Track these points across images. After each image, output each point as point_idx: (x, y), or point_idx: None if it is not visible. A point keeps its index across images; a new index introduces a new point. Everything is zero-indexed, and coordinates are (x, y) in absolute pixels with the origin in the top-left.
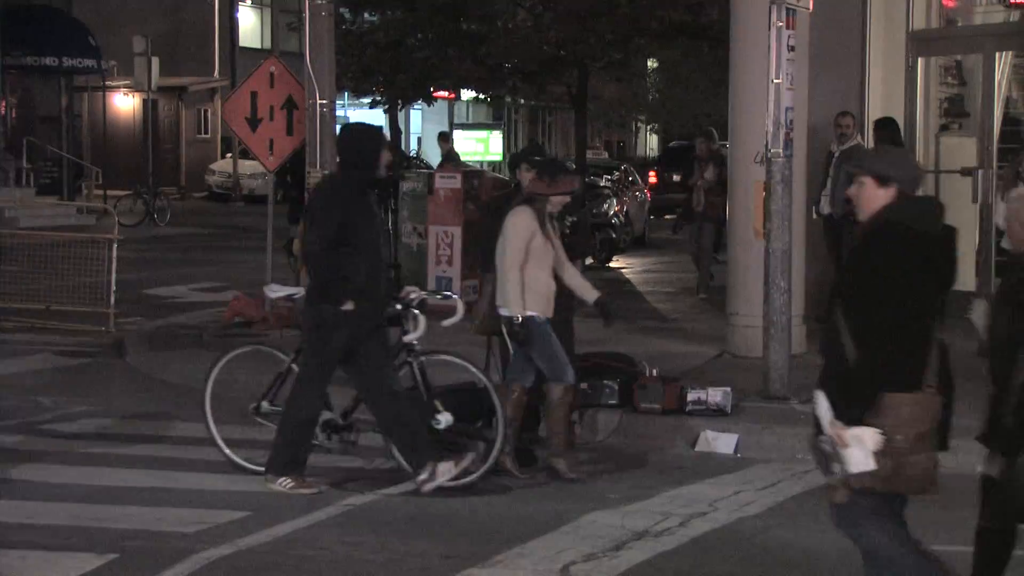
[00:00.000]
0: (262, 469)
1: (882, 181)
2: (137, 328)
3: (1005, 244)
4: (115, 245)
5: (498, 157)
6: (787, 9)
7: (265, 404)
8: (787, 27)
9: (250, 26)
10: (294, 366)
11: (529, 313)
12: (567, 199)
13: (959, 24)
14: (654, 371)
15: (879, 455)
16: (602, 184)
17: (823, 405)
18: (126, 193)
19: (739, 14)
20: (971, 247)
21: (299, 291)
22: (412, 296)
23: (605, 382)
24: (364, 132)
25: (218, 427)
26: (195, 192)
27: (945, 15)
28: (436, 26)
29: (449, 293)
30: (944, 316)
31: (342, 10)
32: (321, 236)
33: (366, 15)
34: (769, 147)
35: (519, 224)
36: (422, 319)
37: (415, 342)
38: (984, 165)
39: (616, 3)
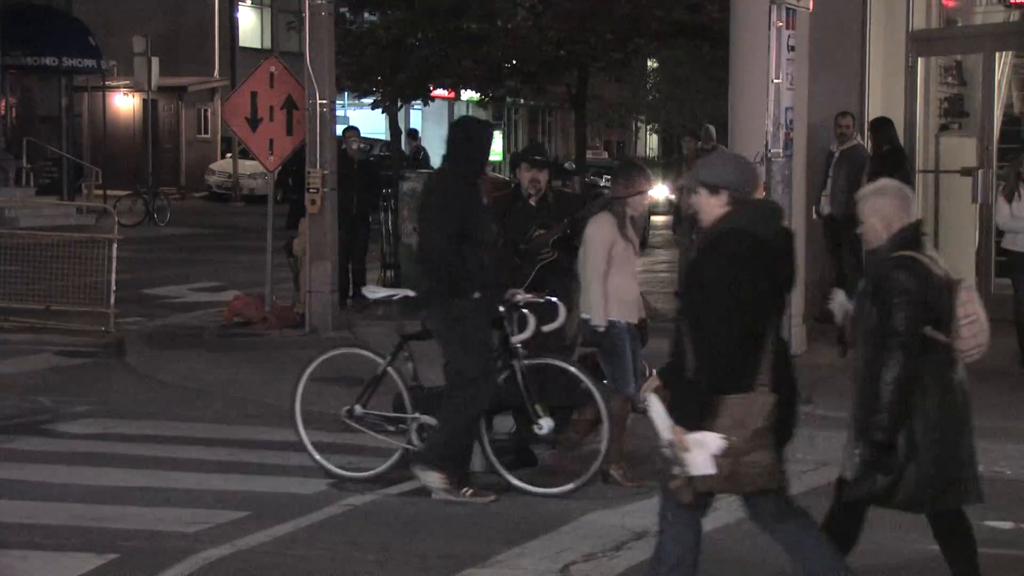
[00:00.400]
0: (355, 475)
1: (712, 190)
2: (137, 328)
3: (1005, 244)
4: (115, 245)
5: (498, 157)
6: (787, 9)
7: (358, 408)
8: (787, 27)
9: (250, 26)
10: (390, 369)
11: (612, 318)
12: (646, 199)
13: (959, 24)
14: (654, 371)
15: (718, 457)
16: (602, 184)
17: (657, 410)
18: (126, 193)
19: (739, 14)
20: (971, 247)
21: (399, 292)
22: (518, 297)
23: (605, 382)
24: (473, 126)
25: (308, 431)
26: (195, 192)
27: (945, 15)
28: (436, 26)
29: (552, 298)
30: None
31: (342, 10)
32: (444, 232)
33: (366, 15)
34: (769, 147)
35: (600, 233)
36: (532, 320)
37: (519, 345)
38: (984, 165)
39: (616, 3)
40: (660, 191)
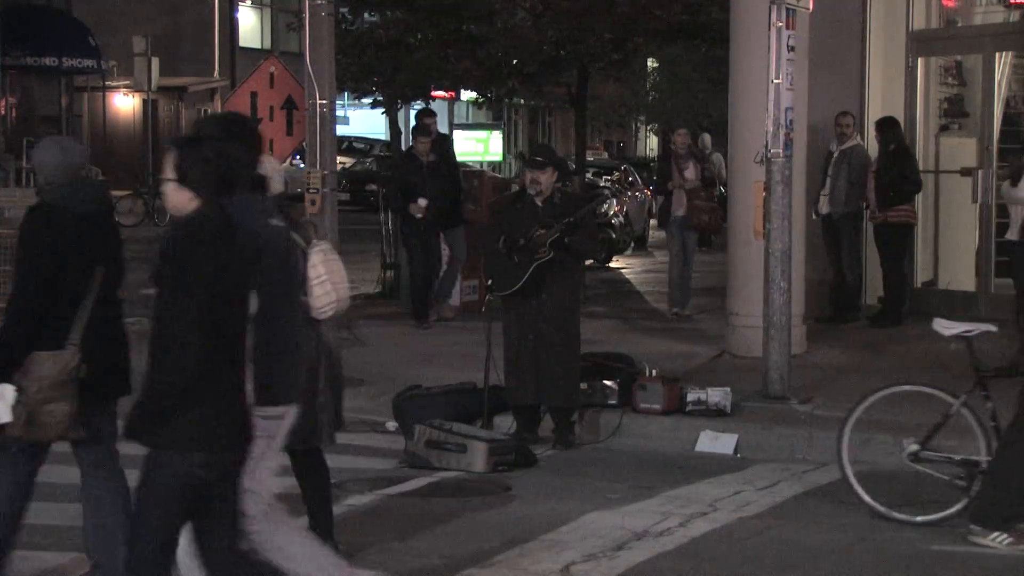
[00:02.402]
0: (907, 518)
1: (32, 171)
2: (137, 328)
3: (1009, 235)
4: None
5: (498, 157)
6: (787, 9)
7: (928, 452)
8: (787, 27)
9: (250, 26)
10: (963, 410)
11: None
12: None
13: (959, 24)
14: (654, 371)
15: (16, 407)
16: (602, 184)
17: None
18: (126, 193)
19: (739, 14)
20: (971, 247)
21: (977, 328)
22: None
23: (605, 382)
24: None
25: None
26: None
27: (945, 15)
28: (436, 26)
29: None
30: (111, 286)
31: (342, 10)
32: None
33: (366, 15)
34: (769, 147)
35: None
36: None
37: None
38: (984, 165)
39: (615, 3)
40: None
